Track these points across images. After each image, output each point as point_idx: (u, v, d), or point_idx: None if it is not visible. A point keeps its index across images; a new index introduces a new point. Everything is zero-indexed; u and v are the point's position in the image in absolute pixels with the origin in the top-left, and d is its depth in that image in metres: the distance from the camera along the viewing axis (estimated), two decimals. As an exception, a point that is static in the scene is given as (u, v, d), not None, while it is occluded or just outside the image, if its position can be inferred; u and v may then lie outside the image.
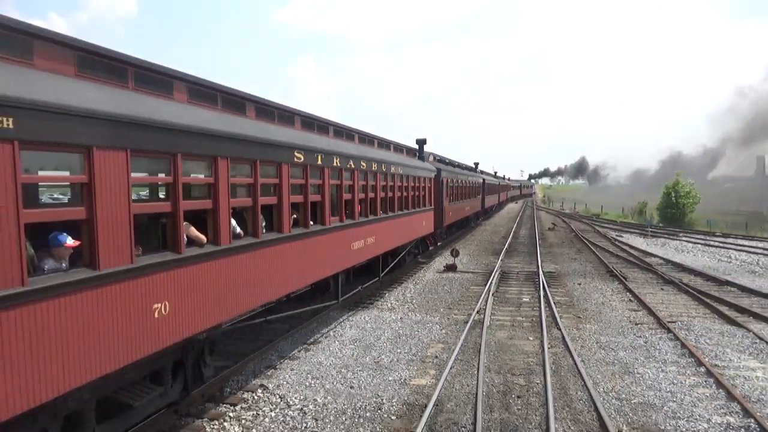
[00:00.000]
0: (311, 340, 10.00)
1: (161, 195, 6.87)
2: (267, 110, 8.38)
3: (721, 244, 26.26)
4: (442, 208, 21.00)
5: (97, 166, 4.51)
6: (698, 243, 27.01)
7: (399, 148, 17.05)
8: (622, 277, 16.85)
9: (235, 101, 7.46)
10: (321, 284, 10.20)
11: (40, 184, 5.51)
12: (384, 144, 15.31)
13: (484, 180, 38.23)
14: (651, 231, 31.95)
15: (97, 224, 4.54)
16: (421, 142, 19.26)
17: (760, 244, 26.07)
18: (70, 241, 4.53)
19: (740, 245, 25.79)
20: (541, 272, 17.19)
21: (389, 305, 13.15)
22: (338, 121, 11.74)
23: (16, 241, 3.86)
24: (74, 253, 4.61)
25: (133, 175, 4.96)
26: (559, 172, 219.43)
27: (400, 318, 11.83)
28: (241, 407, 7.03)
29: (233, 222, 6.65)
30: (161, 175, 5.96)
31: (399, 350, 9.51)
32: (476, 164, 41.39)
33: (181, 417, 6.60)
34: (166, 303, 5.37)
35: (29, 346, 3.95)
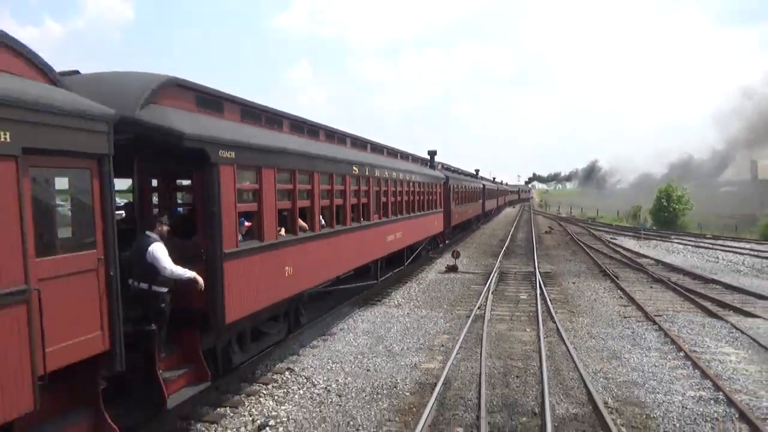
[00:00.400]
0: (327, 332, 10.93)
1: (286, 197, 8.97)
2: (331, 134, 11.15)
3: (710, 246, 27.31)
4: (449, 211, 24.02)
5: (262, 179, 7.48)
6: (688, 245, 28.06)
7: (416, 159, 20.01)
8: (613, 276, 17.82)
9: (313, 129, 10.25)
10: (364, 268, 13.27)
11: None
12: (405, 156, 18.35)
13: (484, 186, 41.17)
14: (644, 234, 32.99)
15: (262, 214, 7.50)
16: (432, 153, 22.76)
17: (747, 246, 27.13)
18: (246, 223, 7.28)
19: (728, 246, 26.85)
20: (537, 272, 18.14)
21: (396, 302, 14.10)
22: (360, 134, 13.70)
23: (236, 222, 6.82)
24: (247, 231, 7.38)
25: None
26: (555, 177, 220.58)
27: (407, 313, 12.78)
28: (272, 386, 7.96)
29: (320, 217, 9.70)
30: (287, 185, 8.54)
31: (408, 340, 10.45)
32: (477, 171, 44.43)
33: (222, 393, 7.53)
34: (291, 267, 8.27)
35: (237, 282, 6.83)
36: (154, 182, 7.52)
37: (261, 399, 7.47)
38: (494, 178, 68.39)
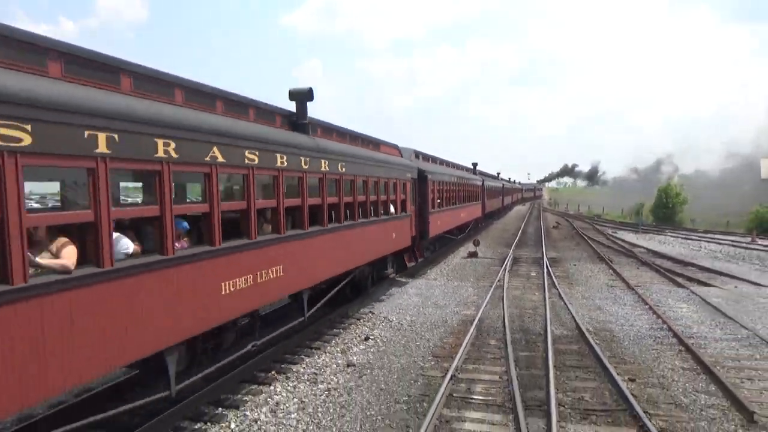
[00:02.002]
0: (388, 293, 14.76)
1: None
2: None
3: (698, 238, 30.89)
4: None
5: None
6: (679, 237, 31.67)
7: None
8: (608, 261, 21.50)
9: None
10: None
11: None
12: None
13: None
14: (642, 228, 36.56)
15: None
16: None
17: (731, 238, 30.67)
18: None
19: (713, 239, 30.42)
20: (545, 258, 21.86)
21: (433, 276, 17.91)
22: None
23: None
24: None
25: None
26: (568, 172, 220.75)
27: (443, 284, 16.57)
28: (363, 320, 11.80)
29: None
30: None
31: (448, 299, 14.25)
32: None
33: (337, 318, 11.38)
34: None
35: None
36: None
37: (360, 326, 11.33)
38: (499, 174, 64.65)
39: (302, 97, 9.27)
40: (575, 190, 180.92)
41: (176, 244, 5.76)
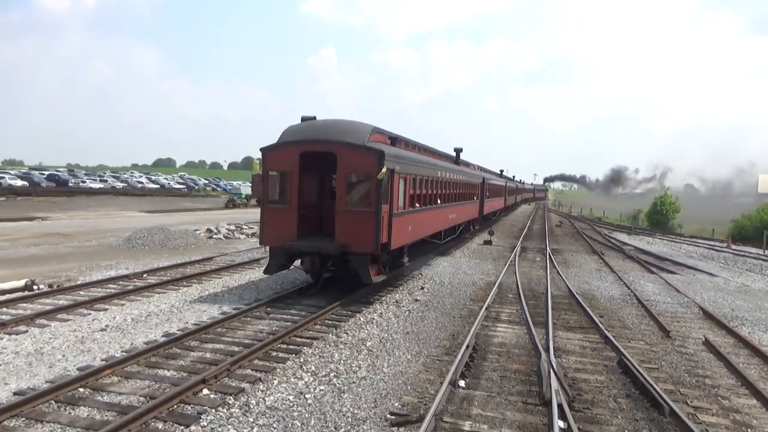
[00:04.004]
0: (427, 264, 19.37)
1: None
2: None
3: (681, 241, 35.41)
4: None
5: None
6: (665, 240, 36.18)
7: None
8: (600, 253, 26.07)
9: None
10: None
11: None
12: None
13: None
14: (635, 230, 41.05)
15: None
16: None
17: (709, 242, 35.16)
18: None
19: (695, 242, 34.93)
20: (548, 248, 26.42)
21: (458, 256, 22.49)
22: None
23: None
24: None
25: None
26: (575, 180, 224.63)
27: (467, 261, 21.16)
28: (417, 276, 16.40)
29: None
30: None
31: (473, 270, 18.83)
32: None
33: (396, 277, 16.00)
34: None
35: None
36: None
37: (414, 281, 15.94)
38: (502, 172, 66.98)
39: (458, 151, 21.00)
40: (580, 192, 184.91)
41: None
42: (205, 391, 7.05)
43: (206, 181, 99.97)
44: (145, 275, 14.89)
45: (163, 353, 8.42)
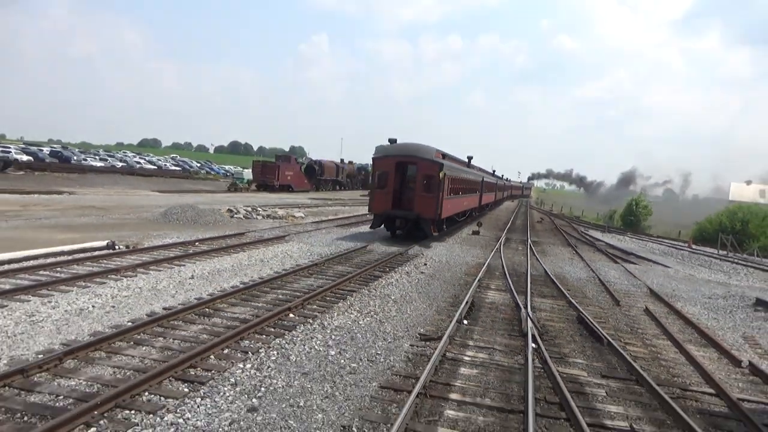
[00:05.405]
0: (426, 247, 22.61)
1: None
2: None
3: (648, 240, 39.20)
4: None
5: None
6: (634, 238, 39.97)
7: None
8: (574, 246, 29.59)
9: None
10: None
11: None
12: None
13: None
14: (608, 229, 44.81)
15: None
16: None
17: (673, 242, 39.04)
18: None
19: (661, 241, 38.77)
20: (529, 240, 29.86)
21: (451, 243, 25.78)
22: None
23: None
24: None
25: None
26: (560, 177, 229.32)
27: (459, 247, 24.46)
28: (418, 258, 19.62)
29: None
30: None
31: (465, 254, 22.13)
32: (469, 158, 55.74)
33: (404, 257, 19.20)
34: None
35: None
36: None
37: (418, 259, 19.16)
38: (494, 171, 75.48)
39: (469, 159, 26.05)
40: (561, 192, 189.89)
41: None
42: (291, 315, 10.20)
43: (199, 164, 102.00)
44: (196, 243, 17.87)
45: (248, 294, 11.52)
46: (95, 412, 5.68)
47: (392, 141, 23.94)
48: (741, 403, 8.00)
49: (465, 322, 11.21)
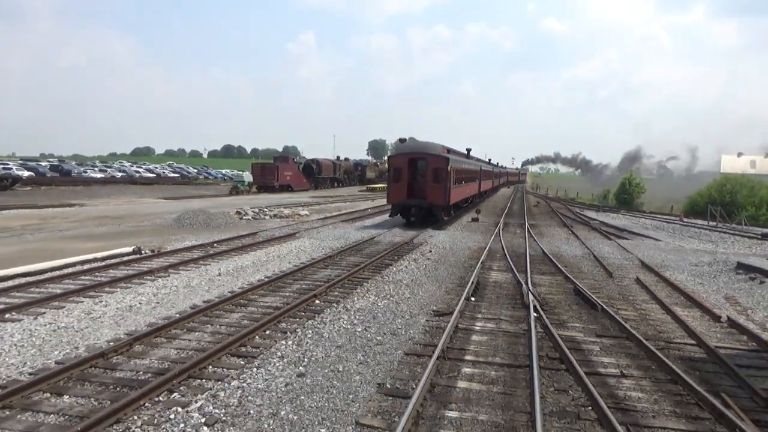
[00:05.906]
0: (429, 235, 23.80)
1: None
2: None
3: (641, 216, 40.50)
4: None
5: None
6: (628, 215, 41.25)
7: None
8: (569, 227, 30.84)
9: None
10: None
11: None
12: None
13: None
14: (602, 208, 46.10)
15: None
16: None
17: (665, 217, 40.34)
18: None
19: (653, 217, 40.06)
20: (527, 223, 31.09)
21: (453, 230, 27.00)
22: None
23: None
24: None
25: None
26: (552, 159, 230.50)
27: (461, 233, 25.66)
28: (424, 245, 20.81)
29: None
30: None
31: (467, 239, 23.33)
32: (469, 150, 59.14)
33: (410, 245, 20.38)
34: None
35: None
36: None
37: (424, 247, 20.34)
38: (490, 160, 78.04)
39: (468, 151, 30.26)
40: (556, 175, 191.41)
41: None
42: (317, 301, 11.38)
43: (196, 170, 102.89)
44: (214, 245, 19.01)
45: (274, 285, 12.70)
46: (174, 381, 6.86)
47: (402, 140, 27.85)
48: (718, 349, 9.23)
49: (472, 299, 12.42)
